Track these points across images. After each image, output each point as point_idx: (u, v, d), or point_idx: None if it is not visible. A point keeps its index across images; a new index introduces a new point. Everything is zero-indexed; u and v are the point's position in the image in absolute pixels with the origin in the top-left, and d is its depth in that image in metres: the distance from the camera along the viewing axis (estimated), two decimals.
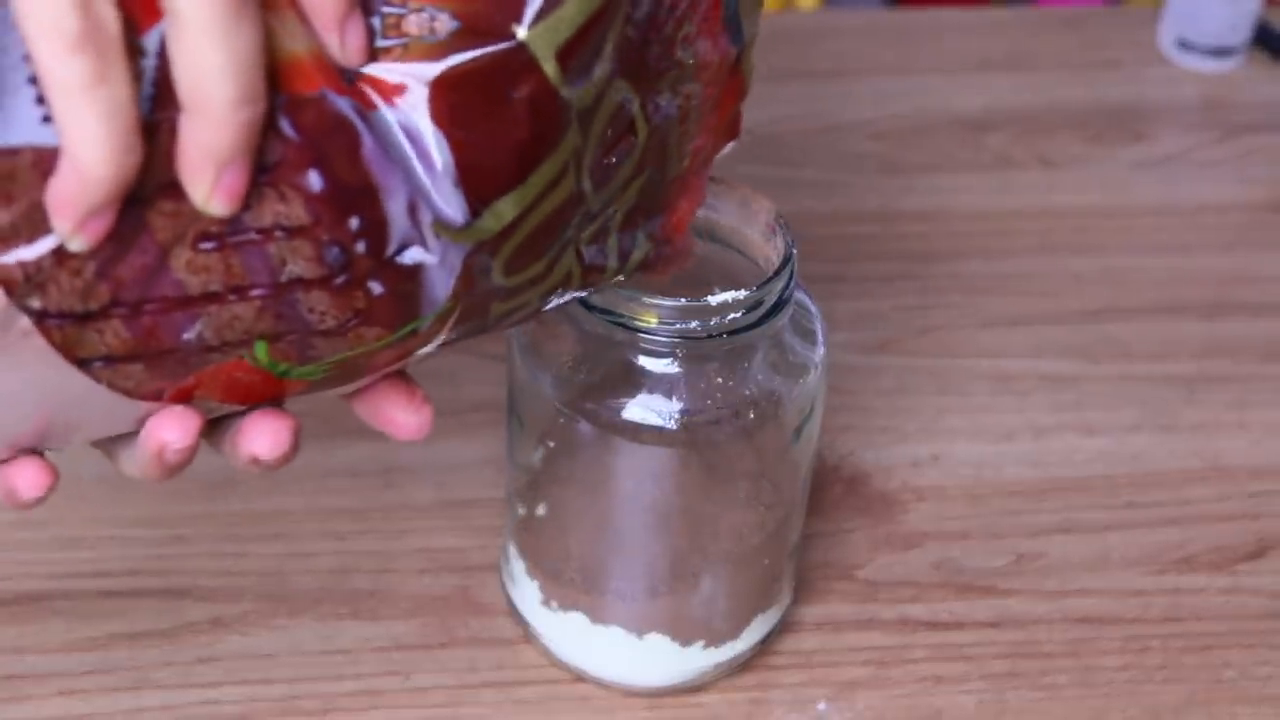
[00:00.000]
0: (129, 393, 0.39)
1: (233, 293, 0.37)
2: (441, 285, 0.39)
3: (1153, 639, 0.58)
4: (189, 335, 0.38)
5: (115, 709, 0.53)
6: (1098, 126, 0.82)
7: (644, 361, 0.48)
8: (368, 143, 0.37)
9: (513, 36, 0.37)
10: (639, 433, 0.49)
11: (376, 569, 0.58)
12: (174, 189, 0.36)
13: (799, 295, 0.50)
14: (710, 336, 0.47)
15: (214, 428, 0.42)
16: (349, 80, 0.37)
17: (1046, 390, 0.67)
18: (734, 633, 0.54)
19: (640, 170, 0.42)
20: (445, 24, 0.37)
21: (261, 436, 0.41)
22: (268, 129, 0.36)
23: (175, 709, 0.53)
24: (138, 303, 0.37)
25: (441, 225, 0.38)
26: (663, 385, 0.48)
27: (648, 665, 0.54)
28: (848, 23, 0.89)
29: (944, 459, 0.64)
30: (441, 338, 0.41)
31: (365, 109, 0.37)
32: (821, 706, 0.55)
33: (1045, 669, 0.57)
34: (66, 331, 0.37)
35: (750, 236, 0.51)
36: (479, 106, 0.37)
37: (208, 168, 0.35)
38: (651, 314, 0.47)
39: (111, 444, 0.42)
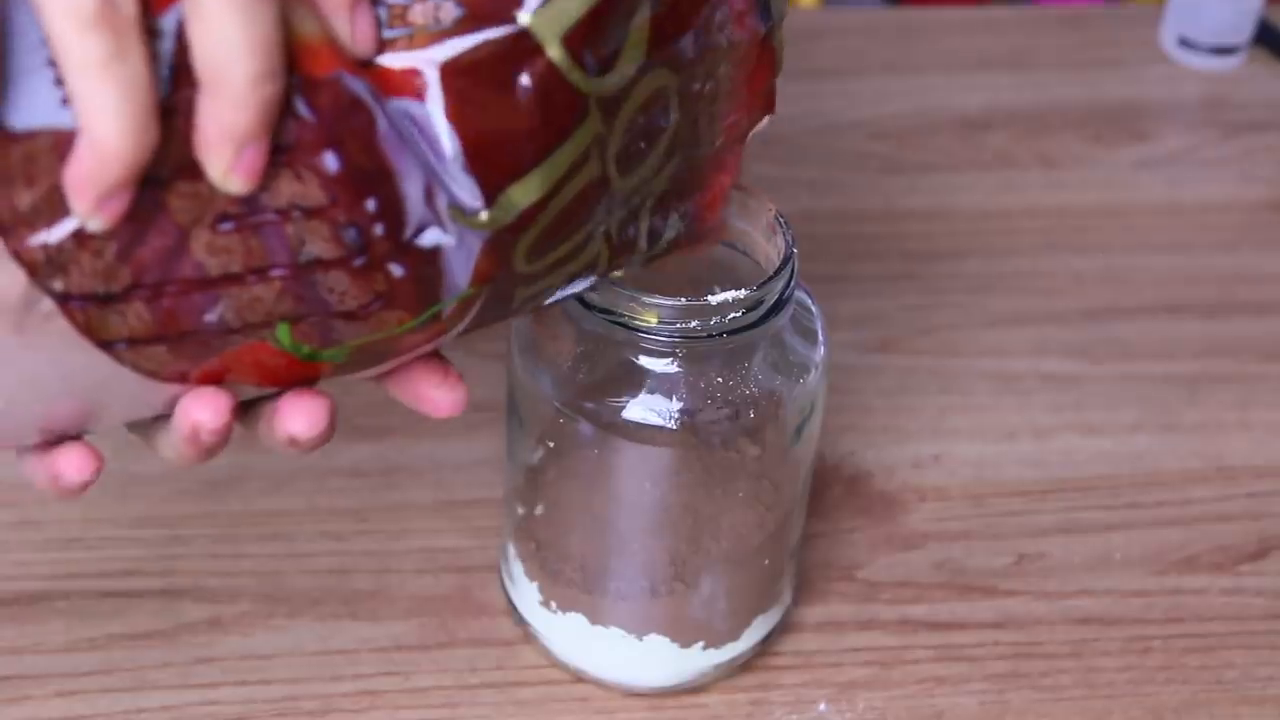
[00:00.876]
0: (153, 374, 0.39)
1: (252, 274, 0.38)
2: (462, 269, 0.39)
3: (1155, 640, 0.58)
4: (210, 317, 0.38)
5: (114, 709, 0.53)
6: (1099, 125, 0.82)
7: (644, 361, 0.48)
8: (383, 125, 0.37)
9: (516, 22, 0.37)
10: (639, 432, 0.49)
11: (376, 569, 0.58)
12: (192, 170, 0.36)
13: (799, 294, 0.50)
14: (710, 336, 0.47)
15: (247, 411, 0.42)
16: (363, 67, 0.37)
17: (1048, 390, 0.67)
18: (734, 633, 0.54)
19: (672, 154, 0.42)
20: (450, 11, 0.37)
21: (298, 416, 0.41)
22: (284, 110, 0.36)
23: (174, 709, 0.53)
24: (159, 284, 0.37)
25: (457, 210, 0.38)
26: (663, 385, 0.48)
27: (648, 666, 0.54)
28: (848, 22, 0.89)
29: (945, 459, 0.64)
30: (465, 322, 0.41)
31: (380, 93, 0.37)
32: (822, 707, 0.55)
33: (1047, 670, 0.56)
34: (89, 313, 0.37)
35: (751, 235, 0.51)
36: (484, 93, 0.37)
37: (226, 145, 0.35)
38: (652, 313, 0.47)
39: (147, 428, 0.42)
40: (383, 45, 0.37)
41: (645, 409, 0.48)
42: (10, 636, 0.55)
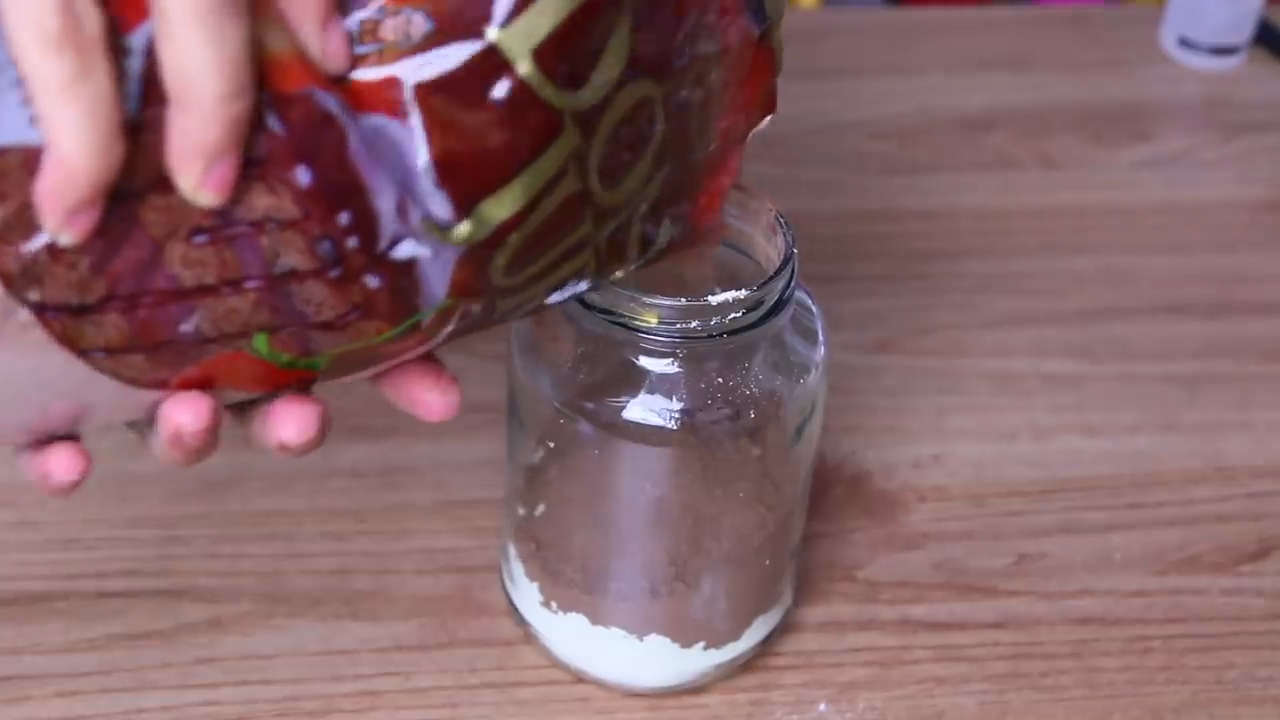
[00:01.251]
0: (133, 382, 0.39)
1: (227, 285, 0.38)
2: (439, 281, 0.39)
3: (1155, 640, 0.58)
4: (186, 327, 0.38)
5: (114, 710, 0.53)
6: (1099, 126, 0.82)
7: (644, 361, 0.48)
8: (354, 140, 0.37)
9: (484, 37, 0.37)
10: (639, 433, 0.49)
11: (376, 569, 0.58)
12: (165, 184, 0.36)
13: (800, 295, 0.50)
14: (711, 336, 0.47)
15: (244, 410, 0.42)
16: (334, 82, 0.37)
17: (1048, 390, 0.67)
18: (735, 633, 0.54)
19: (662, 163, 0.42)
20: (420, 26, 0.36)
21: (288, 423, 0.41)
22: (256, 124, 0.36)
23: (174, 710, 0.53)
24: (133, 296, 0.37)
25: (431, 224, 0.38)
26: (663, 385, 0.48)
27: (648, 666, 0.54)
28: (848, 22, 0.89)
29: (946, 459, 0.64)
30: (446, 332, 0.41)
31: (352, 109, 0.37)
32: (822, 707, 0.55)
33: (1047, 670, 0.56)
34: (65, 323, 0.37)
35: (751, 236, 0.51)
36: (455, 109, 0.37)
37: (196, 160, 0.36)
38: (652, 314, 0.47)
39: (144, 428, 0.42)
40: (354, 61, 0.37)
41: (645, 409, 0.48)
42: (10, 636, 0.55)
